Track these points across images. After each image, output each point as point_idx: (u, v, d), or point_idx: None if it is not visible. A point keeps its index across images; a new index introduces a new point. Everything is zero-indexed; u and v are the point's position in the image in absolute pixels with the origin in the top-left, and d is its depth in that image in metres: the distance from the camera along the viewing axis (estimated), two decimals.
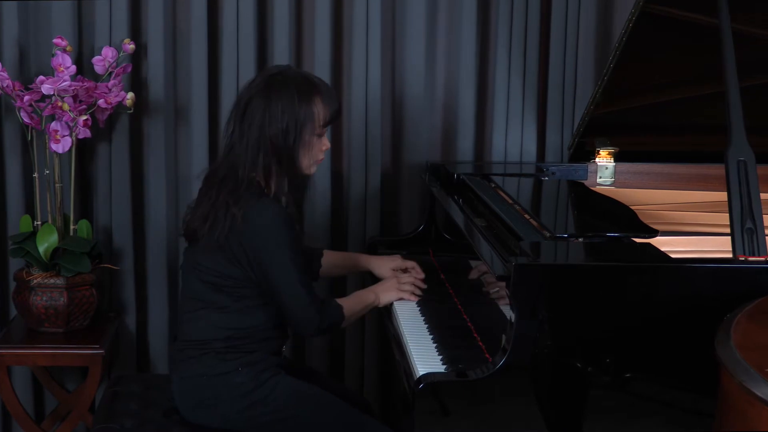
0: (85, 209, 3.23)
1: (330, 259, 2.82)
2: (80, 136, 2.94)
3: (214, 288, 2.43)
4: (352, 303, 2.58)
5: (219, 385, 2.41)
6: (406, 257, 2.82)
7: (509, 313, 2.09)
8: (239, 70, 3.19)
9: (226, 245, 2.38)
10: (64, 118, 2.90)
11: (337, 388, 2.62)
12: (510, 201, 2.66)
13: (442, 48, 3.28)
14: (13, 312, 3.14)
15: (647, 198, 2.94)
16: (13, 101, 2.94)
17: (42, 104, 2.92)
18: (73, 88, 2.88)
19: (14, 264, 3.14)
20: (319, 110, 2.42)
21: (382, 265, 2.81)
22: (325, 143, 2.48)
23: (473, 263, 2.54)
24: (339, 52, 3.25)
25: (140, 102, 3.15)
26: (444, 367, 2.21)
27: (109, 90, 2.96)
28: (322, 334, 2.51)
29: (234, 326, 2.42)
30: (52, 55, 2.93)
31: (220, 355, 2.41)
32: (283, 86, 2.40)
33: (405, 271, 2.77)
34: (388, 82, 3.28)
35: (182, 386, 2.46)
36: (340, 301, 2.54)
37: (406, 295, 2.64)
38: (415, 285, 2.67)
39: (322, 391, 2.48)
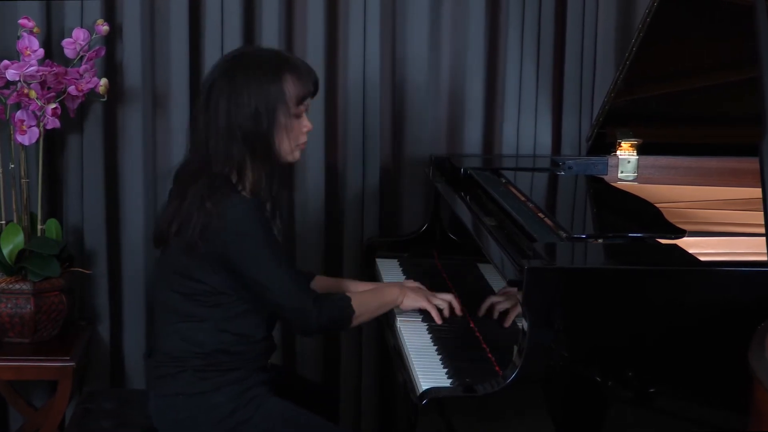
0: (53, 207, 3.24)
1: (321, 285, 2.72)
2: (48, 127, 2.95)
3: (188, 297, 2.40)
4: (368, 297, 2.53)
5: (197, 406, 2.40)
6: (409, 260, 2.82)
7: (521, 321, 2.09)
8: (224, 54, 3.18)
9: (198, 246, 2.35)
10: (31, 107, 2.90)
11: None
12: (522, 198, 2.66)
13: (448, 30, 3.28)
14: None
15: (673, 195, 2.94)
16: None
17: (6, 91, 2.92)
18: (40, 73, 2.88)
19: None
20: (291, 87, 2.37)
21: None
22: (306, 124, 2.43)
23: (482, 266, 2.55)
24: (334, 34, 3.25)
25: (114, 89, 3.14)
26: (449, 381, 2.22)
27: (81, 76, 2.96)
28: (324, 330, 2.48)
29: (212, 341, 2.40)
30: (18, 37, 2.93)
31: (198, 373, 2.40)
32: (247, 66, 2.37)
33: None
34: (387, 68, 3.28)
35: (159, 405, 2.46)
36: (350, 293, 2.51)
37: (432, 311, 2.51)
38: (449, 306, 2.52)
39: (309, 413, 2.46)
